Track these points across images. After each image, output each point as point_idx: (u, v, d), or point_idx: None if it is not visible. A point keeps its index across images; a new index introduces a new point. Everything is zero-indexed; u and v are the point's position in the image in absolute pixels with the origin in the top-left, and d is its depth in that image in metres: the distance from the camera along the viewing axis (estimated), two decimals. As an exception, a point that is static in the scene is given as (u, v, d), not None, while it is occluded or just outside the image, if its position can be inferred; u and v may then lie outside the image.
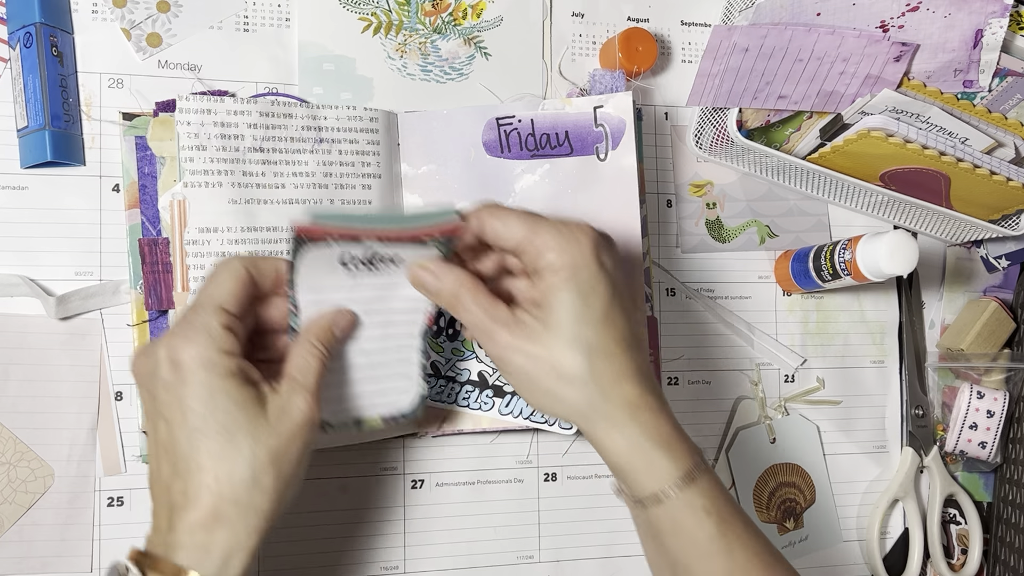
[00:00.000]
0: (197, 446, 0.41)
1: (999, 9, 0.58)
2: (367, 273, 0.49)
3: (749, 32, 0.57)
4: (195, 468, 0.41)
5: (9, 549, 0.52)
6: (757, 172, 0.65)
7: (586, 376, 0.45)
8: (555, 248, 0.45)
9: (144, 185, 0.55)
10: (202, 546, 0.41)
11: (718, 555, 0.45)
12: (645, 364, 0.47)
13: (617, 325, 0.45)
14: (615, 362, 0.45)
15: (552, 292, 0.45)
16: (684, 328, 0.65)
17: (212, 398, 0.42)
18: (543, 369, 0.45)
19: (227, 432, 0.42)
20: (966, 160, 0.58)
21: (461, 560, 0.60)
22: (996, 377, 0.69)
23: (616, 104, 0.59)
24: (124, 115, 0.55)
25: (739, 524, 0.46)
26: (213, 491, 0.41)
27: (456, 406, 0.57)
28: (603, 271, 0.45)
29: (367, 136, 0.57)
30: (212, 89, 0.57)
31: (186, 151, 0.53)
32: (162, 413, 0.42)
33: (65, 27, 0.55)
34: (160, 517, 0.42)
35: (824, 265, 0.61)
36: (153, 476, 0.43)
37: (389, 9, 0.61)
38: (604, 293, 0.45)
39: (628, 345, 0.46)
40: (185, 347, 0.42)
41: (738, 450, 0.65)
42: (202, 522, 0.41)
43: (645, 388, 0.46)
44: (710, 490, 0.45)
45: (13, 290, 0.53)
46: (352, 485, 0.58)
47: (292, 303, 0.47)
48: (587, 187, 0.59)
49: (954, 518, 0.70)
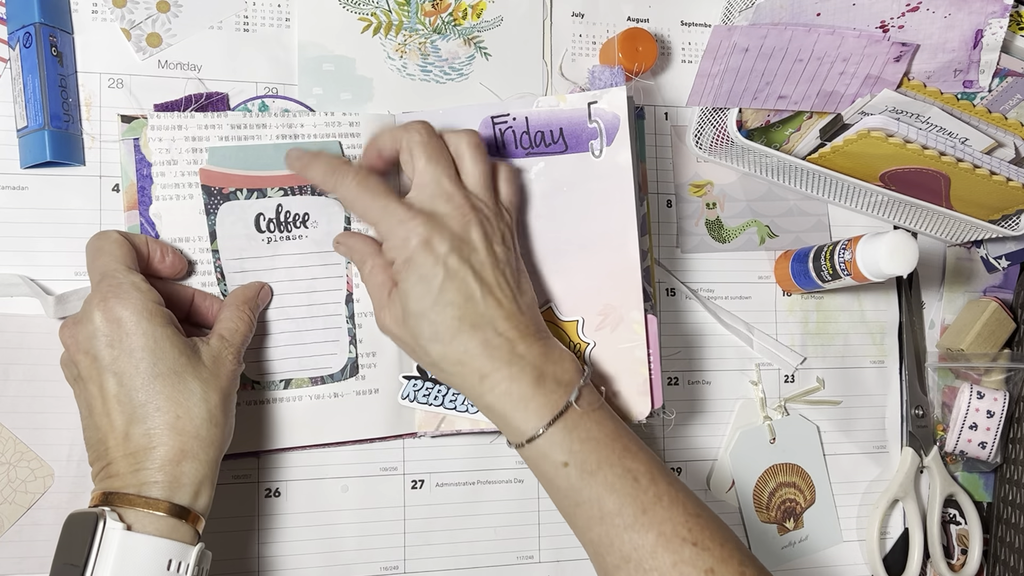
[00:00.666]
0: (154, 390, 0.46)
1: (999, 9, 0.58)
2: (285, 242, 0.56)
3: (749, 32, 0.57)
4: (154, 410, 0.45)
5: (9, 549, 0.52)
6: (757, 172, 0.65)
7: (433, 360, 0.50)
8: (391, 246, 0.50)
9: (143, 187, 0.55)
10: (174, 479, 0.45)
11: (585, 504, 0.47)
12: (495, 335, 0.49)
13: (450, 309, 0.48)
14: (452, 346, 0.48)
15: (397, 284, 0.50)
16: (684, 328, 0.65)
17: (158, 345, 0.46)
18: (407, 349, 0.52)
19: (177, 375, 0.46)
20: (966, 160, 0.58)
21: (461, 560, 0.60)
22: (996, 377, 0.69)
23: (610, 100, 0.57)
24: (123, 117, 0.55)
25: (611, 471, 0.47)
26: (177, 428, 0.45)
27: (443, 408, 0.57)
28: (435, 262, 0.48)
29: (348, 141, 0.57)
30: (210, 91, 0.57)
31: (158, 166, 0.55)
32: (110, 369, 0.46)
33: (65, 27, 0.55)
34: (117, 464, 0.45)
35: (824, 265, 0.61)
36: (104, 430, 0.46)
37: (389, 9, 0.61)
38: (436, 285, 0.48)
39: (471, 324, 0.48)
40: (120, 304, 0.46)
41: (738, 450, 0.65)
42: (171, 457, 0.45)
43: (492, 357, 0.48)
44: (564, 442, 0.48)
45: (13, 290, 0.53)
46: (352, 485, 0.58)
47: (218, 271, 0.54)
48: (582, 184, 0.58)
49: (954, 518, 0.70)
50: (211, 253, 0.55)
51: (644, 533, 0.46)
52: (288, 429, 0.56)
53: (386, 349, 0.57)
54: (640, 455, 0.49)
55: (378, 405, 0.57)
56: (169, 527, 0.44)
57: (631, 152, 0.57)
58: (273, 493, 0.57)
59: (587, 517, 0.48)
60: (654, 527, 0.46)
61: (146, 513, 0.44)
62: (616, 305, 0.57)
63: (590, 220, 0.57)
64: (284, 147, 0.56)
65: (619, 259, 0.57)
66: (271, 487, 0.57)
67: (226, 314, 0.52)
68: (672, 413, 0.63)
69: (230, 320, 0.51)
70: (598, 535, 0.47)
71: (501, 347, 0.49)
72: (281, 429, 0.56)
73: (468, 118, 0.58)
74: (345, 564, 0.58)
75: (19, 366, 0.53)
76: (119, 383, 0.46)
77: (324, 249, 0.57)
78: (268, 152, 0.56)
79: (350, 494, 0.58)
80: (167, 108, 0.56)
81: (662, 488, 0.48)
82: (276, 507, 0.57)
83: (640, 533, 0.46)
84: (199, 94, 0.57)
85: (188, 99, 0.56)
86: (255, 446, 0.56)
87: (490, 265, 0.50)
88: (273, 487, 0.57)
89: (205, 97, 0.57)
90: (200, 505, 0.46)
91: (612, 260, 0.57)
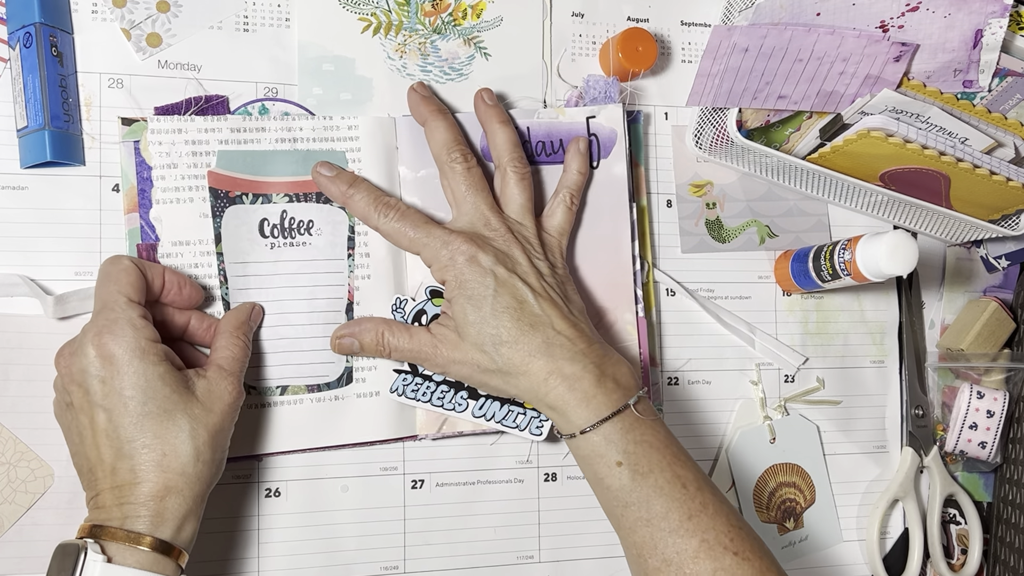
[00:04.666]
0: (142, 428, 0.46)
1: (999, 9, 0.58)
2: (288, 248, 0.56)
3: (749, 32, 0.57)
4: (141, 447, 0.46)
5: (9, 549, 0.52)
6: (757, 172, 0.65)
7: (500, 366, 0.51)
8: (438, 268, 0.53)
9: (143, 189, 0.55)
10: (157, 514, 0.45)
11: (634, 506, 0.49)
12: (555, 335, 0.52)
13: (508, 313, 0.51)
14: (517, 347, 0.51)
15: (451, 304, 0.53)
16: (684, 328, 0.65)
17: (149, 384, 0.47)
18: (471, 368, 0.53)
19: (166, 413, 0.47)
20: (966, 160, 0.58)
21: (461, 560, 0.60)
22: (996, 377, 0.69)
23: (608, 115, 0.62)
24: (123, 120, 0.55)
25: (661, 475, 0.49)
26: (162, 466, 0.46)
27: (431, 405, 0.57)
28: (483, 274, 0.52)
29: (345, 145, 0.57)
30: (210, 95, 0.57)
31: (158, 170, 0.55)
32: (101, 404, 0.46)
33: (65, 27, 0.55)
34: (104, 496, 0.46)
35: (824, 265, 0.61)
36: (92, 461, 0.47)
37: (389, 9, 0.61)
38: (489, 294, 0.52)
39: (529, 324, 0.51)
40: (114, 342, 0.46)
41: (738, 450, 0.65)
42: (154, 493, 0.46)
43: (555, 356, 0.51)
44: (620, 442, 0.50)
45: (13, 290, 0.53)
46: (352, 485, 0.58)
47: (221, 274, 0.54)
48: None
49: (954, 518, 0.70)
50: (215, 256, 0.55)
51: (688, 538, 0.48)
52: (289, 433, 0.56)
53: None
54: (688, 464, 0.51)
55: (379, 408, 0.57)
56: (151, 561, 0.45)
57: (626, 164, 0.61)
58: (273, 493, 0.57)
59: (635, 518, 0.49)
60: (698, 533, 0.48)
61: (128, 547, 0.44)
62: (611, 307, 0.61)
63: (586, 227, 0.61)
64: (291, 154, 0.56)
65: (614, 264, 0.61)
66: (271, 487, 0.57)
67: (221, 342, 0.52)
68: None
69: (226, 348, 0.52)
70: (642, 537, 0.49)
71: (563, 345, 0.51)
72: (282, 433, 0.56)
73: (469, 125, 0.60)
74: (345, 564, 0.58)
75: (19, 366, 0.53)
76: (108, 419, 0.46)
77: (327, 257, 0.57)
78: (276, 158, 0.56)
79: (350, 494, 0.58)
80: (167, 111, 0.56)
81: (707, 497, 0.50)
82: (276, 507, 0.57)
83: (684, 538, 0.48)
84: (198, 97, 0.57)
85: (188, 102, 0.56)
86: (256, 449, 0.56)
87: (534, 275, 0.53)
88: (273, 487, 0.57)
89: (205, 100, 0.57)
90: (183, 539, 0.47)
91: (607, 264, 0.61)
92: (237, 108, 0.58)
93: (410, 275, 0.58)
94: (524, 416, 0.58)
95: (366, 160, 0.58)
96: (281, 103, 0.59)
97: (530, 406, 0.58)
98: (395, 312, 0.57)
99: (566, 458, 0.62)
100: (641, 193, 0.64)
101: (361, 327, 0.55)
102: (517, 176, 0.56)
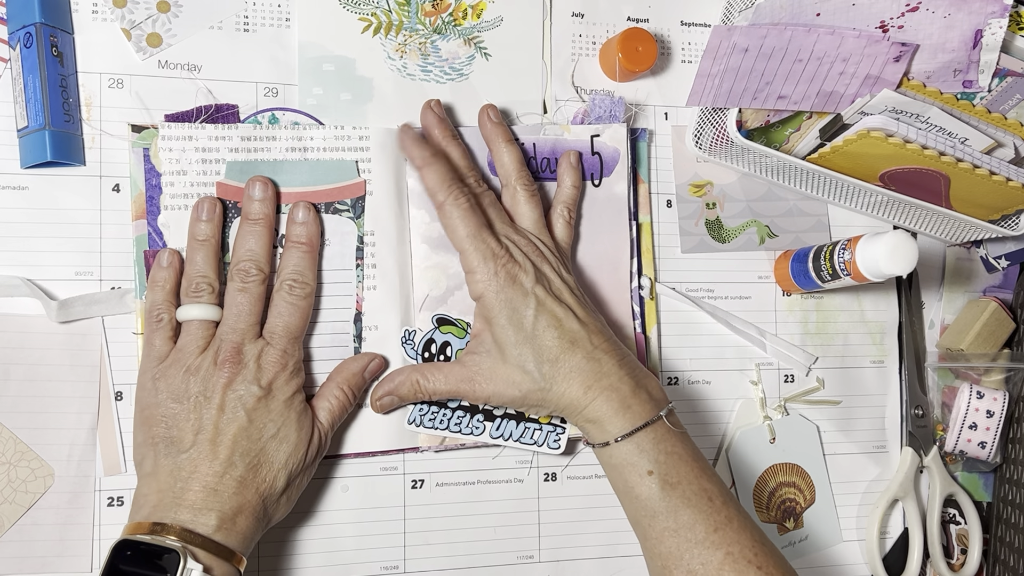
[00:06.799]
0: (265, 449, 0.51)
1: (999, 9, 0.58)
2: None
3: (749, 32, 0.57)
4: (252, 465, 0.50)
5: (9, 549, 0.52)
6: (757, 172, 0.66)
7: (539, 385, 0.52)
8: (475, 281, 0.53)
9: (151, 196, 0.55)
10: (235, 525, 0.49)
11: (661, 515, 0.50)
12: (593, 349, 0.53)
13: (550, 331, 0.52)
14: (560, 364, 0.52)
15: (489, 325, 0.53)
16: (684, 328, 0.65)
17: (300, 425, 0.52)
18: (509, 390, 0.53)
19: (296, 448, 0.52)
20: (966, 160, 0.59)
21: (461, 560, 0.60)
22: (996, 377, 0.69)
23: (611, 135, 0.62)
24: (133, 127, 0.55)
25: (689, 487, 0.50)
26: (260, 491, 0.50)
27: (448, 432, 0.57)
28: (523, 294, 0.53)
29: (356, 155, 0.57)
30: (220, 103, 0.57)
31: (167, 176, 0.55)
32: (246, 407, 0.50)
33: (65, 27, 0.55)
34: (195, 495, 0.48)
35: (824, 265, 0.61)
36: (201, 456, 0.49)
37: (389, 9, 0.61)
38: (530, 313, 0.52)
39: (570, 341, 0.52)
40: (287, 386, 0.52)
41: (738, 450, 0.65)
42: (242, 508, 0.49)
43: (595, 371, 0.52)
44: (651, 452, 0.51)
45: (13, 291, 0.53)
46: (352, 485, 0.58)
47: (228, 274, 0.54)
48: (581, 210, 0.61)
49: (954, 518, 0.70)
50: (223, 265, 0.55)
51: (713, 551, 0.49)
52: None
53: (389, 368, 0.57)
54: (714, 478, 0.52)
55: (383, 420, 0.57)
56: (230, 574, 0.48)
57: (627, 183, 0.62)
58: (273, 493, 0.57)
59: (661, 528, 0.50)
60: (723, 546, 0.49)
61: (216, 558, 0.47)
62: (610, 321, 0.61)
63: (587, 243, 0.61)
64: (301, 164, 0.56)
65: (613, 280, 0.62)
66: (271, 487, 0.57)
67: (327, 391, 0.55)
68: None
69: (327, 399, 0.54)
70: (668, 548, 0.50)
71: (601, 359, 0.52)
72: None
73: (476, 140, 0.60)
74: (345, 564, 0.58)
75: (19, 366, 0.53)
76: (249, 421, 0.50)
77: (335, 267, 0.57)
78: (283, 168, 0.56)
79: (350, 494, 0.58)
80: (177, 118, 0.56)
81: (732, 511, 0.50)
82: (276, 507, 0.57)
83: (710, 550, 0.49)
84: (208, 105, 0.57)
85: (198, 110, 0.56)
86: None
87: (566, 291, 0.55)
88: (273, 487, 0.57)
89: (215, 108, 0.57)
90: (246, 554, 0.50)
91: (608, 280, 0.61)
92: (247, 117, 0.58)
93: (416, 287, 0.58)
94: (541, 431, 0.58)
95: (376, 170, 0.58)
96: (291, 113, 0.59)
97: (545, 420, 0.58)
98: (405, 345, 0.57)
99: (565, 458, 0.62)
100: (644, 210, 0.64)
101: (395, 383, 0.55)
102: (527, 194, 0.57)
